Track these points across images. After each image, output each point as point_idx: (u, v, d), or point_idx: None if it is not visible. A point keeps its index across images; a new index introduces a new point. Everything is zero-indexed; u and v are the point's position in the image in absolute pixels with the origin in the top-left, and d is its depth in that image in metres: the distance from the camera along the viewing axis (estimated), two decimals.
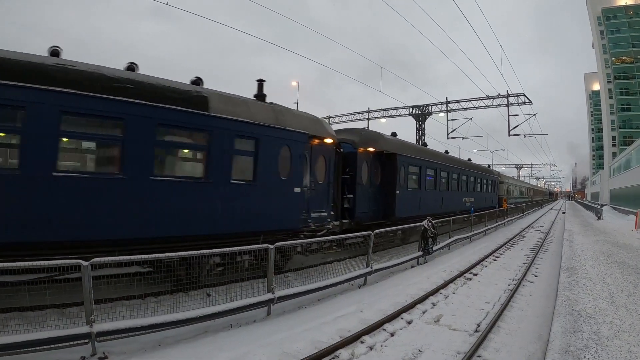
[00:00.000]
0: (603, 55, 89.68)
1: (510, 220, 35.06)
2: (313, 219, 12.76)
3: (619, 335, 6.64)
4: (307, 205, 12.58)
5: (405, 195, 17.80)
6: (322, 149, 13.30)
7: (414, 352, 6.87)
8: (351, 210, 15.01)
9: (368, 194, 15.94)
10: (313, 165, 12.90)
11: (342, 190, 14.89)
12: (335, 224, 14.02)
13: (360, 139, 15.79)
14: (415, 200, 19.06)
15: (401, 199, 17.20)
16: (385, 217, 16.76)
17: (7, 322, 6.30)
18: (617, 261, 13.68)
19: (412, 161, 18.73)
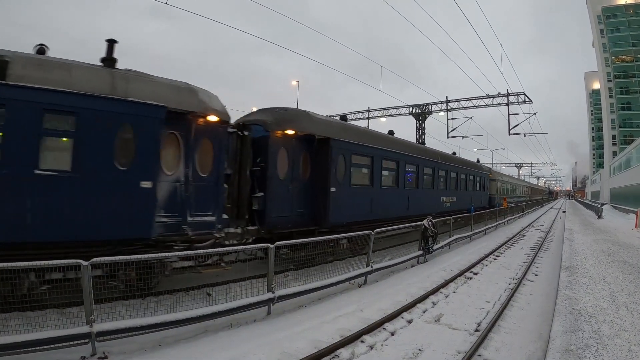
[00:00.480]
0: (603, 54, 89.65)
1: (510, 219, 34.95)
2: (192, 224, 9.47)
3: (620, 334, 6.63)
4: (182, 206, 9.36)
5: (346, 193, 13.95)
6: (206, 130, 9.91)
7: (415, 351, 6.87)
8: (261, 213, 11.57)
9: (288, 192, 12.26)
10: (191, 152, 9.60)
11: (253, 187, 11.68)
12: (232, 232, 10.84)
13: (273, 119, 12.26)
14: (362, 200, 15.11)
15: (338, 199, 13.40)
16: (317, 223, 13.14)
17: (7, 322, 6.29)
18: (618, 260, 13.67)
19: (357, 149, 14.75)
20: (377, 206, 15.89)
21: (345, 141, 13.98)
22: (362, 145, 15.19)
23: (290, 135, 12.29)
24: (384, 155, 16.58)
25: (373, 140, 16.25)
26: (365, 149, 15.34)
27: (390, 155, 17.17)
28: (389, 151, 16.99)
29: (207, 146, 10.01)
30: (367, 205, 15.37)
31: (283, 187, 12.11)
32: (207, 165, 10.00)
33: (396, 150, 17.67)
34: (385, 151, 16.65)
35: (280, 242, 9.15)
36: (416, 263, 14.53)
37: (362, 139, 15.45)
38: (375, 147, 16.02)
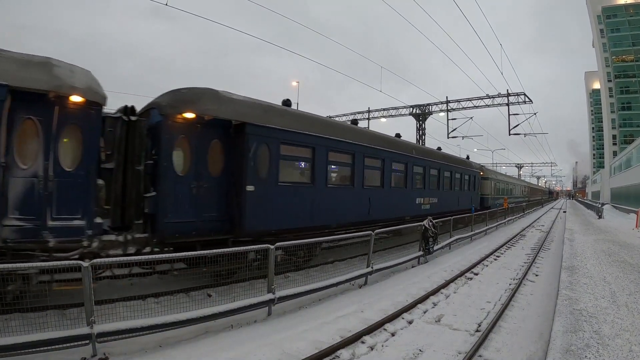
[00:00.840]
0: (603, 53, 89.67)
1: (511, 219, 34.94)
2: (53, 230, 7.70)
3: (620, 334, 6.63)
4: (40, 206, 7.63)
5: (271, 193, 11.08)
6: (72, 114, 8.06)
7: (415, 352, 6.87)
8: (152, 217, 9.31)
9: (190, 191, 9.82)
10: (52, 141, 7.85)
11: (147, 185, 9.43)
12: (110, 240, 8.63)
13: (169, 100, 9.80)
14: (298, 202, 12.12)
15: (258, 201, 10.67)
16: (230, 231, 10.40)
17: (7, 323, 6.29)
18: (618, 260, 13.67)
19: (289, 137, 11.79)
20: (322, 210, 12.84)
21: (269, 127, 11.07)
22: (298, 132, 12.09)
23: (192, 119, 9.77)
24: (331, 145, 13.31)
25: (316, 127, 12.93)
26: (302, 138, 12.25)
27: (341, 147, 13.89)
28: (339, 141, 13.73)
29: (74, 134, 8.16)
30: (307, 209, 12.38)
31: (183, 185, 9.70)
32: (74, 157, 8.15)
33: (350, 141, 14.31)
34: (332, 141, 13.38)
35: (281, 243, 9.12)
36: (417, 263, 14.53)
37: (299, 125, 12.34)
38: (318, 135, 12.79)
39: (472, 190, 29.28)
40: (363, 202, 14.99)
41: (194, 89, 10.21)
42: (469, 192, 28.46)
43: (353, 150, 14.40)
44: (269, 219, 10.96)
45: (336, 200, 13.55)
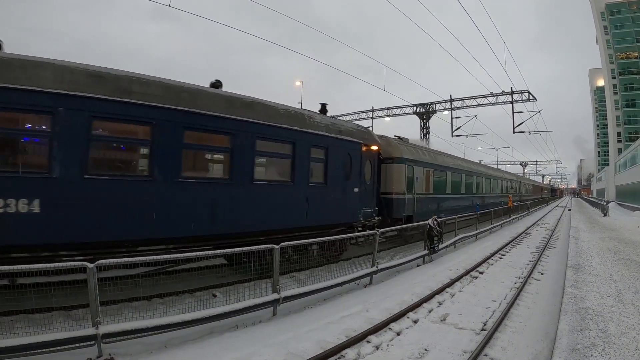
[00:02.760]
0: (607, 50, 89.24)
1: (515, 218, 34.82)
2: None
3: (627, 332, 6.61)
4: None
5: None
6: None
7: (421, 351, 6.86)
8: None
9: None
10: None
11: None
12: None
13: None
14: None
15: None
16: None
17: (13, 324, 6.32)
18: (624, 258, 13.64)
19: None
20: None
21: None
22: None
23: None
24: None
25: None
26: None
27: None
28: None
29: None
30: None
31: None
32: None
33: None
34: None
35: (286, 242, 9.13)
36: (421, 262, 14.53)
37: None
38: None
39: (344, 182, 13.90)
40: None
41: None
42: (327, 189, 13.35)
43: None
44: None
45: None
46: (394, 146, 17.87)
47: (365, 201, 14.82)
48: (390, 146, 17.69)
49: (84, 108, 7.76)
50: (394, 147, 17.86)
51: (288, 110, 11.95)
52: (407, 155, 18.13)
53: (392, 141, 18.17)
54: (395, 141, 18.37)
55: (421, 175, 19.60)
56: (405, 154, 17.97)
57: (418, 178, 19.03)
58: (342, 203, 13.63)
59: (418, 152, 19.92)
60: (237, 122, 10.18)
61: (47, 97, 7.37)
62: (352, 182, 14.03)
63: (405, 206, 17.70)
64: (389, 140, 18.15)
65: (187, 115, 9.26)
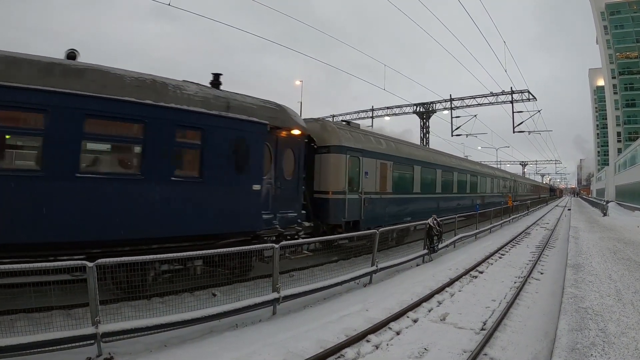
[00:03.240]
0: (607, 50, 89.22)
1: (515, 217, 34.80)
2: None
3: (626, 332, 6.61)
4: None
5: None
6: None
7: (420, 350, 6.86)
8: None
9: None
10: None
11: None
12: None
13: None
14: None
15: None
16: None
17: (13, 323, 6.32)
18: (624, 258, 13.64)
19: None
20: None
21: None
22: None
23: None
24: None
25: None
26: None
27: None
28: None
29: None
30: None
31: None
32: None
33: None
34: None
35: (285, 242, 9.16)
36: (421, 262, 14.52)
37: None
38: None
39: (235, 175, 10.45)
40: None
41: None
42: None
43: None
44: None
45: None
46: (330, 131, 14.20)
47: (283, 203, 11.60)
48: (326, 132, 14.17)
49: None
50: (331, 132, 14.17)
51: (139, 79, 8.84)
52: (349, 143, 14.39)
53: (328, 125, 14.72)
54: (333, 125, 14.71)
55: (373, 170, 15.71)
56: (346, 140, 14.24)
57: (368, 173, 15.27)
58: (232, 205, 10.13)
59: (370, 140, 16.13)
60: (55, 95, 7.57)
61: None
62: (250, 176, 10.52)
63: (346, 209, 13.99)
64: (326, 124, 14.90)
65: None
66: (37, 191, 7.41)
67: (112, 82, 8.32)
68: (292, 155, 12.11)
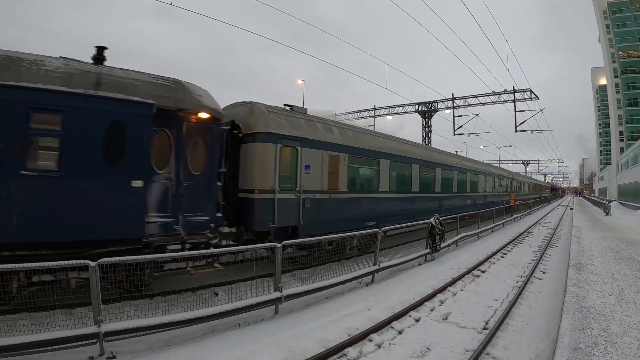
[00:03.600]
0: (609, 49, 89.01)
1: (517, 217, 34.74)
2: None
3: (629, 332, 6.60)
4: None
5: None
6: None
7: (423, 350, 6.86)
8: None
9: None
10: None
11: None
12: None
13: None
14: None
15: None
16: None
17: (15, 322, 6.32)
18: (626, 257, 13.61)
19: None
20: None
21: None
22: None
23: None
24: None
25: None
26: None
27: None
28: None
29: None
30: None
31: None
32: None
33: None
34: None
35: (287, 241, 9.15)
36: (423, 261, 14.51)
37: None
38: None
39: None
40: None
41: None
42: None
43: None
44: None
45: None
46: (257, 115, 11.56)
47: (189, 203, 9.59)
48: (252, 116, 11.58)
49: None
50: (258, 116, 11.54)
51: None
52: (282, 130, 11.76)
53: (256, 108, 11.77)
54: (262, 108, 11.68)
55: (318, 163, 12.95)
56: (276, 126, 11.62)
57: (310, 167, 12.53)
58: (102, 206, 8.15)
59: (314, 127, 13.21)
60: None
61: None
62: (128, 170, 8.53)
63: (276, 212, 11.34)
64: (254, 107, 11.83)
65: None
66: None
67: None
68: (203, 144, 9.93)
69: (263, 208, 11.21)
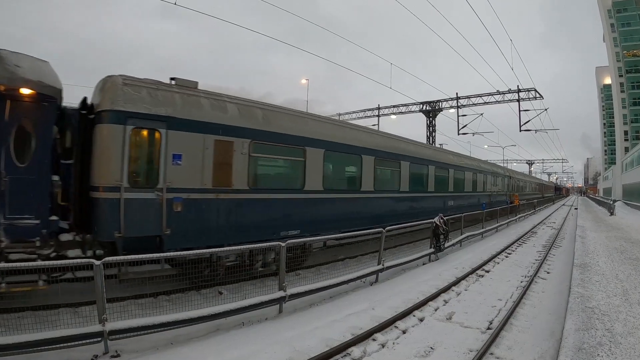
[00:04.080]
0: (614, 48, 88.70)
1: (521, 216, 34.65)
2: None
3: (633, 332, 6.59)
4: None
5: None
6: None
7: (426, 349, 6.86)
8: None
9: None
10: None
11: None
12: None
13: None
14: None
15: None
16: None
17: (20, 321, 6.35)
18: (631, 257, 13.57)
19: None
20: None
21: None
22: None
23: None
24: None
25: None
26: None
27: None
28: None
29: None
30: None
31: None
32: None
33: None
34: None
35: (291, 241, 9.15)
36: (427, 261, 14.51)
37: None
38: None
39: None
40: None
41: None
42: None
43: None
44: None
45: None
46: (106, 90, 8.69)
47: (9, 203, 7.40)
48: (102, 91, 8.78)
49: None
50: (107, 91, 8.68)
51: None
52: (136, 107, 8.78)
53: (110, 81, 8.81)
54: (117, 80, 8.74)
55: (197, 152, 9.75)
56: (127, 103, 8.66)
57: (183, 157, 9.41)
58: None
59: (195, 103, 9.88)
60: None
61: None
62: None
63: (124, 217, 8.42)
64: (108, 80, 8.86)
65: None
66: None
67: None
68: (32, 128, 7.80)
69: (107, 211, 8.41)
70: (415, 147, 19.70)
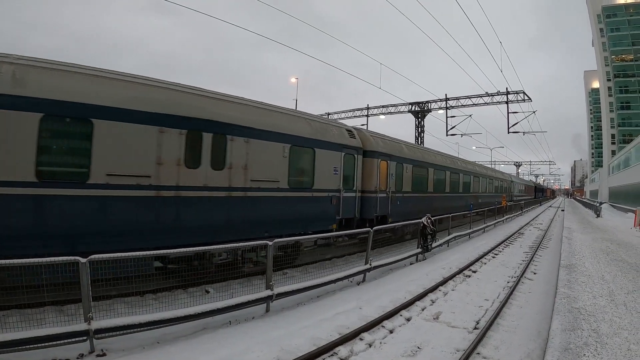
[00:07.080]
0: (603, 53, 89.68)
1: (509, 217, 34.85)
2: None
3: (619, 333, 6.64)
4: None
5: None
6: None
7: (413, 349, 6.86)
8: None
9: None
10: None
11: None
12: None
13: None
14: None
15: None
16: None
17: (5, 319, 6.27)
18: (616, 259, 13.69)
19: None
20: None
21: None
22: None
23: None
24: None
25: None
26: None
27: None
28: None
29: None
30: None
31: None
32: None
33: None
34: None
35: (279, 239, 9.12)
36: (415, 261, 14.54)
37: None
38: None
39: None
40: None
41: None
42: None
43: None
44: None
45: None
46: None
47: None
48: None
49: None
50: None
51: None
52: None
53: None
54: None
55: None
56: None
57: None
58: None
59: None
60: None
61: None
62: None
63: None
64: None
65: None
66: None
67: None
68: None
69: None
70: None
